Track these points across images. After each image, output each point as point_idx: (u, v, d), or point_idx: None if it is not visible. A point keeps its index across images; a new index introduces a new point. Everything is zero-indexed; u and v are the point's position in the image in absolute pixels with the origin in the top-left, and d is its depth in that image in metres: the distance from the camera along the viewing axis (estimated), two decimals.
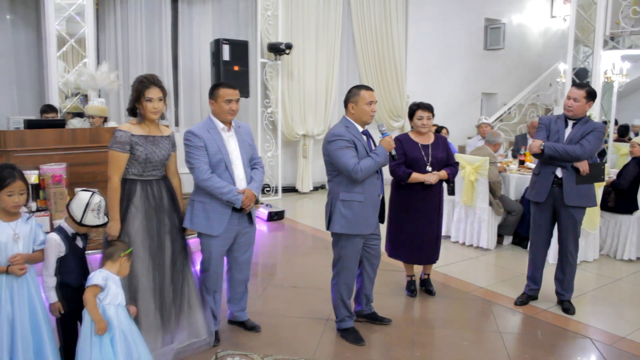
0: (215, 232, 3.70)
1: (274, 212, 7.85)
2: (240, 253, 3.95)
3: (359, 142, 3.77)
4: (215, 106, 3.70)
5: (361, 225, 3.82)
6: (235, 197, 3.64)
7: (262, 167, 3.99)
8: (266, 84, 9.21)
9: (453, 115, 11.37)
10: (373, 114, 3.84)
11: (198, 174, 3.62)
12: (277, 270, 5.73)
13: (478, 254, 6.21)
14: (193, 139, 3.64)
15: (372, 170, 3.72)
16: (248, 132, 3.93)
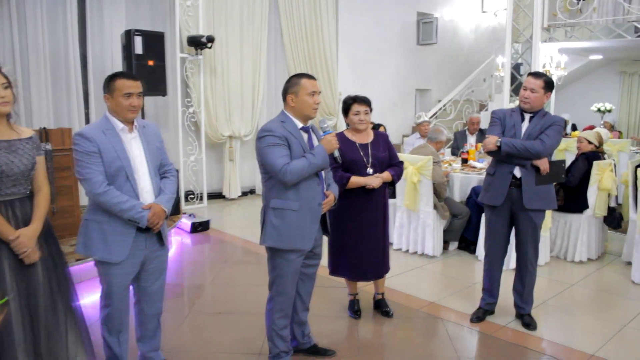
0: (116, 258, 2.98)
1: (198, 222, 7.07)
2: (149, 282, 3.23)
3: (295, 139, 3.14)
4: (112, 102, 2.98)
5: (295, 238, 3.18)
6: (139, 215, 2.95)
7: (175, 175, 3.28)
8: (187, 81, 8.40)
9: (387, 113, 10.93)
10: (316, 106, 3.21)
11: (91, 187, 2.89)
12: (200, 293, 4.98)
13: (423, 262, 5.69)
14: (83, 142, 2.90)
15: (305, 172, 3.09)
16: (156, 133, 3.21)
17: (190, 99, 8.50)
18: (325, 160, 3.16)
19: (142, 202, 2.99)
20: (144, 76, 6.60)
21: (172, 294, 4.86)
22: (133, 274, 3.11)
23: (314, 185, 3.20)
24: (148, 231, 3.04)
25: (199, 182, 8.77)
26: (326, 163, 3.18)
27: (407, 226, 5.96)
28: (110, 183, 2.94)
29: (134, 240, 3.01)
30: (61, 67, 7.70)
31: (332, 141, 3.19)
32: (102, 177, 2.90)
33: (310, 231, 3.24)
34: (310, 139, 3.27)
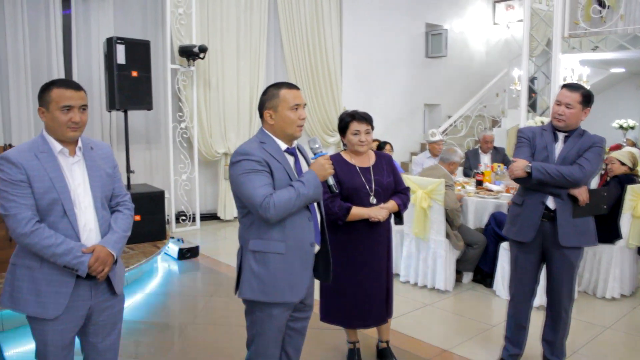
0: (51, 313, 2.38)
1: (186, 248, 6.42)
2: (99, 338, 2.58)
3: (279, 164, 2.52)
4: (47, 117, 2.41)
5: (281, 289, 2.55)
6: (77, 260, 2.35)
7: (130, 208, 2.67)
8: (178, 94, 7.82)
9: (393, 129, 10.33)
10: (301, 122, 2.59)
11: (15, 226, 2.30)
12: (179, 334, 4.34)
13: (434, 297, 5.03)
14: (8, 169, 2.31)
15: (293, 206, 2.45)
16: (107, 156, 2.62)
17: (182, 113, 7.91)
18: (318, 189, 2.51)
19: (82, 244, 2.39)
20: (127, 88, 6.06)
21: (146, 335, 4.24)
22: (74, 331, 2.49)
23: (304, 221, 2.57)
24: (93, 278, 2.43)
25: (191, 202, 8.16)
26: (318, 193, 2.53)
27: (416, 256, 5.31)
28: (42, 219, 2.34)
29: (74, 290, 2.41)
30: (44, 78, 7.10)
31: (325, 165, 2.53)
32: (29, 213, 2.31)
33: (301, 279, 2.60)
34: (298, 163, 2.65)
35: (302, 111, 2.58)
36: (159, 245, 6.01)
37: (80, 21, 7.40)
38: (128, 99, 6.12)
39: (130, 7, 7.74)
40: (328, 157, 2.57)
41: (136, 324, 4.43)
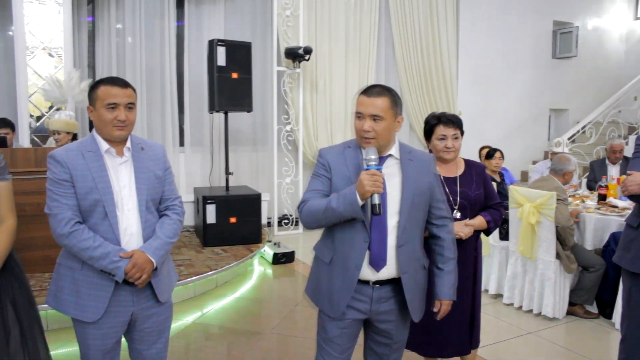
0: (90, 317, 2.30)
1: (282, 253, 6.30)
2: (144, 345, 2.49)
3: (347, 173, 2.29)
4: (94, 115, 2.33)
5: (322, 297, 2.40)
6: (114, 265, 2.25)
7: (180, 214, 2.52)
8: (284, 96, 7.76)
9: (513, 135, 9.63)
10: (364, 134, 2.25)
11: (55, 225, 2.25)
12: (254, 344, 4.18)
13: (540, 325, 4.47)
14: (53, 167, 2.27)
15: (321, 217, 2.24)
16: (158, 157, 2.49)
17: (287, 116, 7.85)
18: (352, 207, 2.16)
19: (121, 249, 2.29)
20: (227, 90, 6.07)
21: (224, 339, 4.15)
22: (116, 336, 2.40)
23: (356, 240, 2.27)
24: (134, 284, 2.32)
25: (294, 206, 8.06)
26: (352, 211, 2.17)
27: (522, 277, 4.77)
28: (84, 221, 2.27)
29: (114, 295, 2.31)
30: (157, 81, 7.45)
31: (364, 181, 2.11)
32: (70, 214, 2.24)
33: (339, 296, 2.32)
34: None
35: (361, 122, 2.26)
36: (253, 249, 5.95)
37: (193, 28, 7.65)
38: (228, 101, 6.14)
39: (240, 12, 7.86)
40: (374, 172, 2.13)
41: (218, 329, 4.35)
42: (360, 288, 2.33)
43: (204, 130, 7.63)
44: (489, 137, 8.67)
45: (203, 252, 5.77)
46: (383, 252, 2.30)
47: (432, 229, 2.47)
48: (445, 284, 2.45)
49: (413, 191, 2.31)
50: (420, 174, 2.35)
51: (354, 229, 2.27)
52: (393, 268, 2.32)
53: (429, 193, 2.37)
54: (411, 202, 2.30)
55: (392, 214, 2.29)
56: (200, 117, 7.68)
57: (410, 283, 2.34)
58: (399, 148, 2.38)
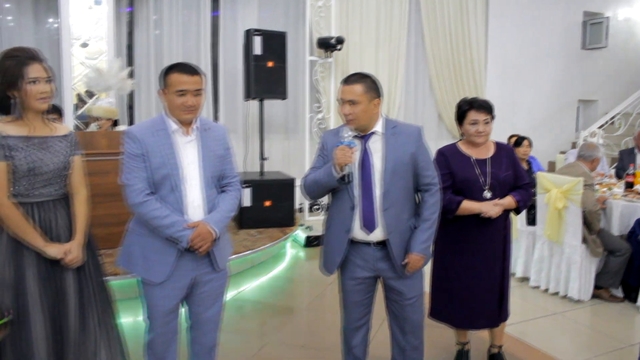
0: (156, 278, 2.56)
1: (313, 236, 6.54)
2: (202, 308, 2.74)
3: None
4: (167, 98, 2.55)
5: (327, 260, 2.88)
6: (180, 234, 2.48)
7: (238, 189, 2.76)
8: (316, 85, 7.96)
9: (540, 126, 9.67)
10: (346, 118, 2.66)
11: (129, 195, 2.50)
12: (292, 319, 4.43)
13: (565, 306, 4.62)
14: (129, 143, 2.53)
15: (315, 187, 2.72)
16: (220, 138, 2.71)
17: (319, 104, 8.05)
18: (329, 177, 2.59)
19: (186, 219, 2.52)
20: (263, 78, 6.29)
21: (260, 315, 4.39)
22: (178, 298, 2.65)
23: (344, 207, 2.71)
24: (195, 251, 2.55)
25: None
26: (330, 181, 2.60)
27: (548, 261, 4.92)
28: (154, 192, 2.52)
29: (178, 260, 2.56)
30: None
31: (336, 155, 2.56)
32: (142, 185, 2.49)
33: (333, 255, 2.79)
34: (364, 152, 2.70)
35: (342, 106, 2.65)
36: (287, 232, 6.17)
37: (227, 18, 7.87)
38: (263, 89, 6.36)
39: (274, 2, 8.06)
40: (343, 148, 2.54)
41: (255, 304, 4.59)
42: (362, 249, 2.74)
43: (238, 117, 7.86)
44: (517, 127, 8.73)
45: (239, 233, 6.01)
46: (372, 216, 2.66)
47: (420, 194, 2.80)
48: (417, 239, 2.74)
49: (394, 161, 2.66)
50: (401, 145, 2.69)
51: (342, 198, 2.70)
52: (383, 229, 2.69)
53: (411, 162, 2.70)
54: (392, 171, 2.65)
55: (378, 182, 2.67)
56: (234, 105, 7.91)
57: (397, 242, 2.70)
58: (384, 124, 2.72)
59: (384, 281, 2.82)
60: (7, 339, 2.22)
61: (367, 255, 2.73)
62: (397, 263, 2.71)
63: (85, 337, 2.47)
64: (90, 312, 2.50)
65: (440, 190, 2.79)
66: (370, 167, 2.66)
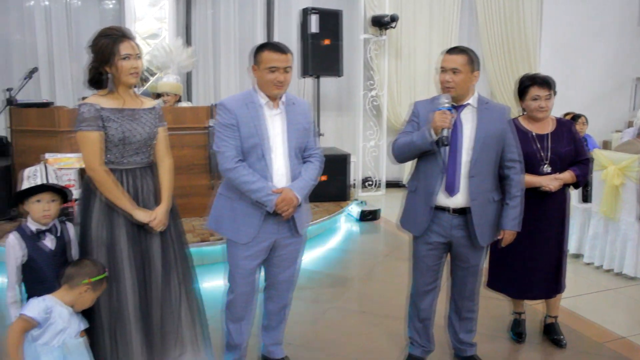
0: (242, 239, 2.81)
1: (368, 210, 6.73)
2: (279, 269, 2.99)
3: (428, 118, 2.81)
4: (258, 74, 2.77)
5: (409, 221, 3.02)
6: (267, 198, 2.71)
7: (320, 161, 2.96)
8: (370, 63, 8.08)
9: (595, 104, 9.51)
10: (445, 84, 2.81)
11: (222, 161, 2.75)
12: (350, 287, 4.65)
13: (620, 283, 4.68)
14: (223, 113, 2.77)
15: (407, 149, 2.87)
16: (304, 112, 2.93)
17: (372, 82, 8.18)
18: (424, 139, 2.74)
19: (273, 185, 2.74)
20: (319, 55, 6.45)
21: (319, 284, 4.60)
22: (260, 259, 2.89)
23: (433, 169, 2.84)
24: (279, 216, 2.78)
25: (377, 168, 8.45)
26: (425, 143, 2.75)
27: (603, 237, 4.97)
28: (243, 159, 2.75)
29: (262, 223, 2.79)
30: (248, 47, 7.85)
31: (436, 117, 2.71)
32: (234, 152, 2.73)
33: (422, 217, 2.91)
34: (458, 122, 2.84)
35: (443, 74, 2.79)
36: (342, 205, 6.37)
37: None
38: (319, 66, 6.54)
39: None
40: (443, 112, 2.70)
41: (313, 273, 4.81)
42: (440, 215, 2.88)
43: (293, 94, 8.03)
44: (571, 106, 8.61)
45: None
46: (456, 180, 2.80)
47: (503, 170, 2.91)
48: (508, 216, 2.89)
49: (485, 133, 2.79)
50: (493, 120, 2.83)
51: (432, 161, 2.83)
52: (465, 196, 2.81)
53: (500, 137, 2.83)
54: (482, 142, 2.78)
55: (466, 150, 2.80)
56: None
57: (478, 210, 2.82)
58: (477, 99, 2.86)
59: (453, 248, 2.97)
60: (102, 293, 2.45)
61: (443, 221, 2.87)
62: (474, 231, 2.83)
63: (168, 295, 2.70)
64: (173, 273, 2.73)
65: (523, 169, 2.93)
66: (460, 136, 2.80)
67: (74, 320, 2.24)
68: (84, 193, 2.58)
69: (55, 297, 2.20)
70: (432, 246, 2.95)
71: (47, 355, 2.14)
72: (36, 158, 3.88)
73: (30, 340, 2.14)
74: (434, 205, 2.84)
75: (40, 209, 2.37)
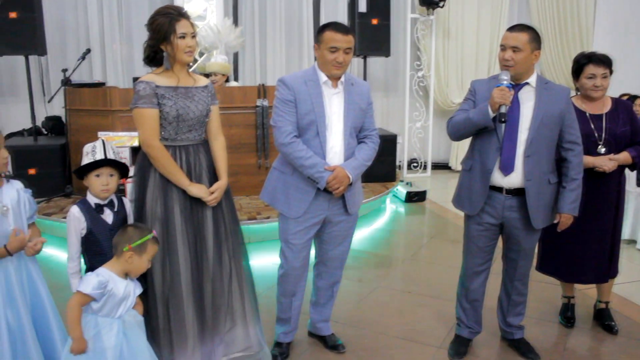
0: (294, 213, 2.86)
1: (414, 192, 6.69)
2: (330, 246, 3.03)
3: (488, 95, 2.75)
4: (319, 53, 2.80)
5: (464, 200, 2.98)
6: (319, 175, 2.74)
7: (375, 142, 2.97)
8: (417, 43, 7.98)
9: None
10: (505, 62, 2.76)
11: (278, 136, 2.79)
12: (397, 268, 4.65)
13: None
14: (282, 89, 2.80)
15: (463, 127, 2.85)
16: (364, 93, 2.94)
17: (419, 62, 8.08)
18: (483, 116, 2.72)
19: (326, 162, 2.77)
20: (367, 35, 6.40)
21: (366, 264, 4.62)
22: (311, 234, 2.94)
23: (489, 147, 2.80)
24: (331, 193, 2.81)
25: (423, 150, 8.37)
26: (483, 119, 2.73)
27: None
28: (300, 135, 2.79)
29: (314, 199, 2.84)
30: (295, 27, 7.89)
31: (495, 94, 2.66)
32: (290, 128, 2.77)
33: (477, 196, 2.87)
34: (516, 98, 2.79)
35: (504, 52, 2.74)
36: (388, 186, 6.36)
37: None
38: (368, 46, 6.50)
39: None
40: (502, 88, 2.65)
41: (359, 253, 4.82)
42: (493, 195, 2.84)
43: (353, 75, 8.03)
44: (626, 86, 8.35)
45: None
46: (512, 159, 2.76)
47: (561, 152, 2.86)
48: (566, 199, 2.84)
49: (543, 113, 2.73)
50: (552, 101, 2.76)
51: (488, 140, 2.79)
52: (520, 176, 2.76)
53: (559, 118, 2.77)
54: (540, 121, 2.73)
55: (523, 130, 2.75)
56: None
57: (533, 191, 2.77)
58: (536, 79, 2.81)
59: (506, 229, 2.93)
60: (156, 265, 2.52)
61: (497, 202, 2.84)
62: (530, 213, 2.79)
63: (219, 270, 2.76)
64: (224, 248, 2.78)
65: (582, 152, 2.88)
66: (517, 115, 2.76)
67: (129, 288, 2.31)
68: (140, 169, 2.65)
69: (108, 268, 2.27)
70: (483, 227, 2.92)
71: (107, 328, 2.22)
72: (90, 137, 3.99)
73: (92, 313, 2.22)
74: (490, 184, 2.82)
75: (100, 184, 2.44)
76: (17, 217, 2.36)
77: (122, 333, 2.26)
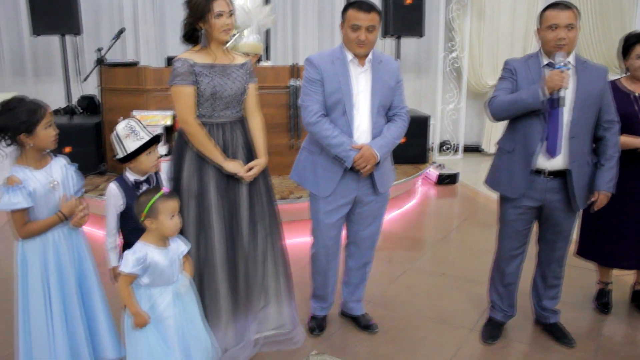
0: (322, 192, 2.87)
1: (446, 174, 6.63)
2: (361, 226, 3.02)
3: (529, 75, 2.72)
4: (343, 31, 2.78)
5: (503, 182, 2.89)
6: (346, 154, 2.73)
7: (404, 120, 2.93)
8: (451, 23, 7.84)
9: None
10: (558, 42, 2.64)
11: (305, 115, 2.79)
12: (428, 250, 4.62)
13: None
14: (309, 68, 2.79)
15: (509, 107, 2.73)
16: (393, 70, 2.89)
17: (453, 43, 7.95)
18: (536, 98, 2.61)
19: (353, 141, 2.76)
20: (400, 15, 6.32)
21: (397, 245, 4.60)
22: (340, 214, 2.94)
23: (534, 130, 2.72)
24: (359, 172, 2.80)
25: (456, 132, 8.27)
26: (536, 102, 2.62)
27: None
28: (327, 114, 2.78)
29: (342, 178, 2.83)
30: (327, 7, 7.82)
31: (555, 76, 2.56)
32: (317, 107, 2.76)
33: (519, 179, 2.79)
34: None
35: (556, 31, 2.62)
36: (420, 168, 6.30)
37: None
38: (401, 26, 6.40)
39: None
40: (562, 71, 2.57)
41: (390, 235, 4.81)
42: (534, 178, 2.77)
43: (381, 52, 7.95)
44: None
45: None
46: (557, 141, 2.69)
47: (599, 131, 2.80)
48: (604, 177, 2.78)
49: (585, 93, 2.69)
50: (592, 80, 2.72)
51: (534, 122, 2.70)
52: (564, 158, 2.73)
53: (599, 97, 2.72)
54: (583, 101, 2.68)
55: (566, 110, 2.69)
56: None
57: (577, 172, 2.74)
58: (575, 58, 2.75)
59: (545, 212, 2.88)
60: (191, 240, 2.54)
61: (537, 184, 2.78)
62: (573, 194, 2.75)
63: (254, 247, 2.79)
64: (259, 226, 2.81)
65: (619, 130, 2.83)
66: None
67: (171, 252, 2.33)
68: (177, 148, 2.69)
69: (143, 241, 2.30)
70: (521, 210, 2.87)
71: (161, 298, 2.28)
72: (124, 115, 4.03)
73: (144, 287, 2.27)
74: (534, 168, 2.76)
75: (151, 160, 2.51)
76: (66, 191, 2.42)
77: (177, 299, 2.32)
